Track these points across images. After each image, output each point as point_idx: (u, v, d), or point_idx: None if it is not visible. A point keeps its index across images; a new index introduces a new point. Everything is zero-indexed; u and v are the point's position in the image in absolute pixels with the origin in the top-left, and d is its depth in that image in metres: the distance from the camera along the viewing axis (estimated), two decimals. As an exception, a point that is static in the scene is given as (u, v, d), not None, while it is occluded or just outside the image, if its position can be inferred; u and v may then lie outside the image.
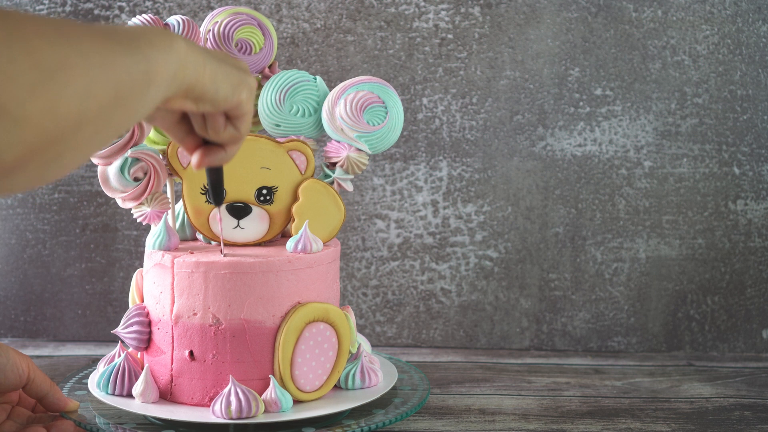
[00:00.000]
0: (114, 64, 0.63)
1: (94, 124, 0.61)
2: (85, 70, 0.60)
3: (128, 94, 0.65)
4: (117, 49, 0.64)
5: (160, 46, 0.71)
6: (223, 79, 0.80)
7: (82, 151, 0.63)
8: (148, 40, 0.70)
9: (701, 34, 1.37)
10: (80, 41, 0.61)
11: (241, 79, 0.83)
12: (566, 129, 1.38)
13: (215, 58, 0.80)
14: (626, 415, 1.11)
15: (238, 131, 0.85)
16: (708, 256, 1.39)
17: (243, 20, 1.09)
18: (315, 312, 1.01)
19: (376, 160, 1.39)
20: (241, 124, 0.85)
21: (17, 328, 1.43)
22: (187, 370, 1.00)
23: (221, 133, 0.84)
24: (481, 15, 1.37)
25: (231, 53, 1.09)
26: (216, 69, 0.79)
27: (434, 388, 1.19)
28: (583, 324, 1.40)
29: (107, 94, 0.62)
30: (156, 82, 0.69)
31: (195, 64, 0.76)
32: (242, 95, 0.83)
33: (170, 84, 0.72)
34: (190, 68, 0.75)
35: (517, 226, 1.39)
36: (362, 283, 1.40)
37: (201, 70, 0.77)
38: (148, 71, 0.68)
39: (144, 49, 0.68)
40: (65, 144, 0.60)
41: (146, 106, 0.70)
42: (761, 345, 1.40)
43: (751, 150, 1.38)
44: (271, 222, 1.07)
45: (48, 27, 0.59)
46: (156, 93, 0.70)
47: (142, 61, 0.67)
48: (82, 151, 0.63)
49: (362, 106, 1.07)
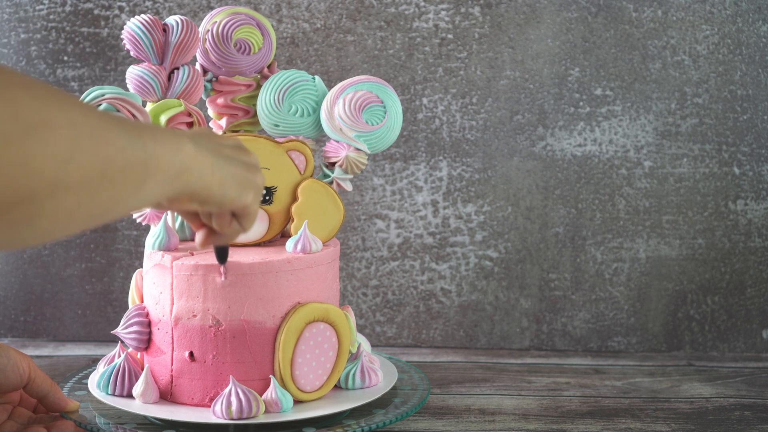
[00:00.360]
0: (105, 140, 0.62)
1: (75, 195, 0.59)
2: (69, 134, 0.58)
3: (119, 177, 0.63)
4: (112, 128, 0.63)
5: (166, 143, 0.70)
6: (231, 182, 0.80)
7: (60, 220, 0.60)
8: (153, 134, 0.69)
9: (701, 34, 1.37)
10: (70, 106, 0.60)
11: (249, 180, 0.83)
12: (566, 129, 1.38)
13: (224, 159, 0.80)
14: (626, 415, 1.11)
15: (242, 227, 0.86)
16: (708, 256, 1.39)
17: (242, 20, 1.09)
18: (315, 312, 1.01)
19: (376, 160, 1.39)
20: (247, 222, 0.86)
21: (17, 328, 1.43)
22: (188, 370, 1.00)
23: (226, 228, 0.86)
24: (481, 15, 1.37)
25: (229, 53, 1.09)
26: (225, 173, 0.79)
27: (434, 388, 1.19)
28: (583, 324, 1.40)
29: (93, 167, 0.60)
30: (154, 177, 0.68)
31: (202, 170, 0.75)
32: (248, 197, 0.83)
33: (172, 184, 0.71)
34: (195, 174, 0.74)
35: (517, 226, 1.39)
36: (362, 283, 1.40)
37: (208, 177, 0.76)
38: (147, 163, 0.66)
39: (145, 140, 0.66)
40: (38, 207, 0.57)
41: (142, 199, 0.68)
42: (761, 345, 1.40)
43: (751, 150, 1.38)
44: (270, 222, 1.07)
45: (38, 86, 0.58)
46: (154, 188, 0.68)
47: (140, 149, 0.65)
48: (60, 221, 0.60)
49: (361, 105, 1.07)
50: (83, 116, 0.60)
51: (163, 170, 0.69)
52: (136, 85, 1.06)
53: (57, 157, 0.57)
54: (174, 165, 0.71)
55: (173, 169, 0.71)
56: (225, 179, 0.79)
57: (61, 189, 0.58)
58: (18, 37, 1.38)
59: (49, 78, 1.38)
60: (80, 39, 1.38)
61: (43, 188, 0.57)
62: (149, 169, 0.67)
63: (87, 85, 1.38)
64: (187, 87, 1.07)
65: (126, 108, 1.02)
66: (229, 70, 1.10)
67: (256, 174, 0.85)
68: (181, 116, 1.07)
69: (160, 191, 0.70)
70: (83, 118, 0.60)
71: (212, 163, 0.77)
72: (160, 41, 1.05)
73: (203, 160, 0.75)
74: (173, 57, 1.06)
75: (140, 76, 1.06)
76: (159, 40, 1.05)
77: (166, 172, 0.69)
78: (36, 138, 0.56)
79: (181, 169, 0.72)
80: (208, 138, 0.82)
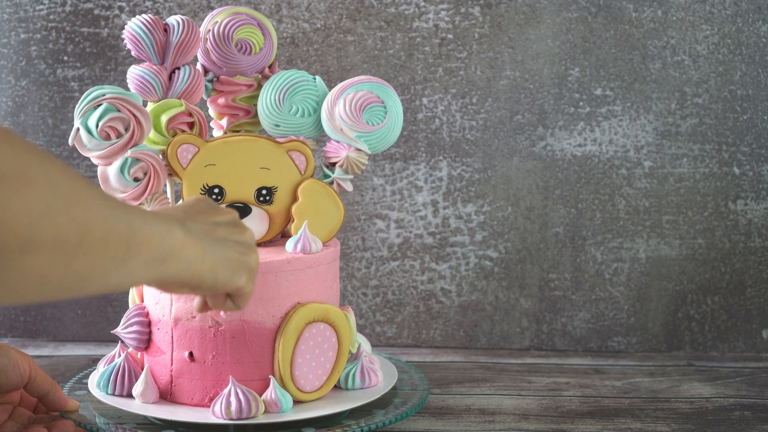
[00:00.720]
0: (86, 205, 0.60)
1: (48, 256, 0.57)
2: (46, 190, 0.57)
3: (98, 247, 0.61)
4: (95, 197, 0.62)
5: (154, 226, 0.68)
6: (223, 268, 0.80)
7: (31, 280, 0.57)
8: (141, 214, 0.67)
9: (701, 34, 1.37)
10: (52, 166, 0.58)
11: (242, 263, 0.83)
12: (566, 129, 1.38)
13: (216, 243, 0.79)
14: (626, 415, 1.11)
15: (236, 306, 0.87)
16: (708, 256, 1.39)
17: (243, 20, 1.09)
18: (315, 312, 1.01)
19: (376, 160, 1.39)
20: (241, 301, 0.86)
21: (17, 328, 1.43)
22: (187, 370, 1.00)
23: (220, 307, 0.87)
24: (481, 15, 1.37)
25: (230, 53, 1.09)
26: (216, 258, 0.78)
27: (434, 388, 1.19)
28: (583, 324, 1.40)
29: (69, 229, 0.58)
30: (139, 257, 0.66)
31: (191, 259, 0.74)
32: (241, 281, 0.83)
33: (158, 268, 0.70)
34: (184, 263, 0.73)
35: (517, 226, 1.39)
36: (362, 283, 1.40)
37: (198, 266, 0.76)
38: (131, 240, 0.65)
39: (132, 217, 0.65)
40: (7, 261, 0.55)
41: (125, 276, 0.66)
42: (761, 345, 1.40)
43: (751, 150, 1.38)
44: (270, 222, 1.07)
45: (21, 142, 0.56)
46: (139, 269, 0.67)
47: (125, 224, 0.64)
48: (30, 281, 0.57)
49: (361, 106, 1.07)
50: (64, 177, 0.59)
51: (149, 252, 0.67)
52: (137, 85, 1.06)
53: (30, 211, 0.55)
54: (161, 250, 0.69)
55: (159, 254, 0.69)
56: (216, 265, 0.79)
57: (33, 246, 0.56)
58: (18, 37, 1.38)
59: (49, 78, 1.38)
60: (80, 39, 1.38)
61: (13, 241, 0.55)
62: (133, 246, 0.65)
63: (87, 85, 1.38)
64: (188, 87, 1.07)
65: (126, 108, 1.02)
66: (230, 70, 1.10)
67: (250, 254, 0.84)
68: (182, 116, 1.07)
69: (144, 273, 0.68)
70: (64, 179, 0.59)
71: (203, 249, 0.76)
72: (161, 41, 1.05)
73: (193, 247, 0.74)
74: (174, 57, 1.06)
75: (141, 76, 1.06)
76: (160, 40, 1.05)
77: (152, 255, 0.68)
78: (9, 188, 0.54)
79: (168, 256, 0.71)
80: (202, 216, 0.82)
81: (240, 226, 0.85)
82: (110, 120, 1.02)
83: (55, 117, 1.39)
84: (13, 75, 1.38)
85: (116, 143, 1.02)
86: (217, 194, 1.06)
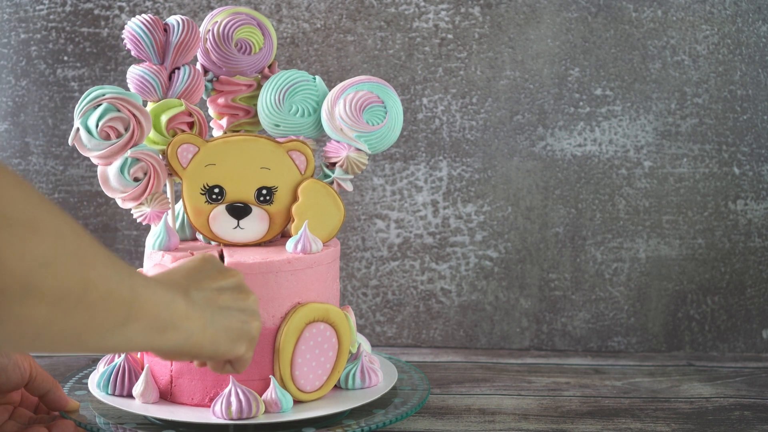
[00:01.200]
0: (91, 263, 0.60)
1: (47, 308, 0.57)
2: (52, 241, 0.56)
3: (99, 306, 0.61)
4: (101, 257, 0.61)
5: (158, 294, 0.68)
6: (224, 338, 0.80)
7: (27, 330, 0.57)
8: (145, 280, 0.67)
9: (701, 34, 1.37)
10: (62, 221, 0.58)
11: (243, 332, 0.83)
12: (566, 129, 1.38)
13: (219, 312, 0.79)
14: (626, 415, 1.11)
15: (235, 370, 0.88)
16: (708, 256, 1.39)
17: (242, 20, 1.09)
18: (315, 312, 1.01)
19: (376, 160, 1.39)
20: (240, 367, 0.87)
21: (17, 328, 1.42)
22: (187, 370, 1.00)
23: (220, 370, 0.88)
24: (481, 15, 1.37)
25: (230, 53, 1.09)
26: (218, 329, 0.79)
27: (434, 388, 1.19)
28: (583, 324, 1.40)
29: (71, 284, 0.58)
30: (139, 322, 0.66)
31: (192, 330, 0.74)
32: (241, 350, 0.84)
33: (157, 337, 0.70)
34: (185, 334, 0.73)
35: (517, 226, 1.39)
36: (362, 283, 1.40)
37: (199, 337, 0.76)
38: (132, 304, 0.64)
39: (135, 281, 0.65)
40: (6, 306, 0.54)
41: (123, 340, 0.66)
42: (761, 345, 1.40)
43: (751, 150, 1.38)
44: (270, 222, 1.07)
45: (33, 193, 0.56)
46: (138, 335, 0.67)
47: (127, 287, 0.64)
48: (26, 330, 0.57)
49: (362, 105, 1.07)
50: (72, 232, 0.59)
51: (149, 319, 0.67)
52: (137, 84, 1.06)
53: (34, 259, 0.55)
54: (162, 319, 0.69)
55: (160, 323, 0.69)
56: (218, 335, 0.79)
57: (33, 294, 0.55)
58: (18, 37, 1.38)
59: (49, 78, 1.38)
60: (80, 39, 1.38)
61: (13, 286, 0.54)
62: (134, 311, 0.65)
63: (87, 85, 1.38)
64: (187, 87, 1.07)
65: (126, 108, 1.02)
66: (229, 70, 1.10)
67: (252, 322, 0.85)
68: (182, 116, 1.07)
69: (143, 340, 0.68)
70: (72, 233, 0.58)
71: (204, 320, 0.76)
72: (161, 41, 1.05)
73: (195, 318, 0.75)
74: (174, 57, 1.06)
75: (141, 76, 1.06)
76: (160, 39, 1.05)
77: (152, 322, 0.68)
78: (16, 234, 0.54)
79: (169, 326, 0.71)
80: (207, 281, 0.81)
81: (244, 291, 0.85)
82: (110, 120, 1.02)
83: (55, 117, 1.39)
84: (13, 75, 1.38)
85: (116, 143, 1.02)
86: (217, 194, 1.06)
